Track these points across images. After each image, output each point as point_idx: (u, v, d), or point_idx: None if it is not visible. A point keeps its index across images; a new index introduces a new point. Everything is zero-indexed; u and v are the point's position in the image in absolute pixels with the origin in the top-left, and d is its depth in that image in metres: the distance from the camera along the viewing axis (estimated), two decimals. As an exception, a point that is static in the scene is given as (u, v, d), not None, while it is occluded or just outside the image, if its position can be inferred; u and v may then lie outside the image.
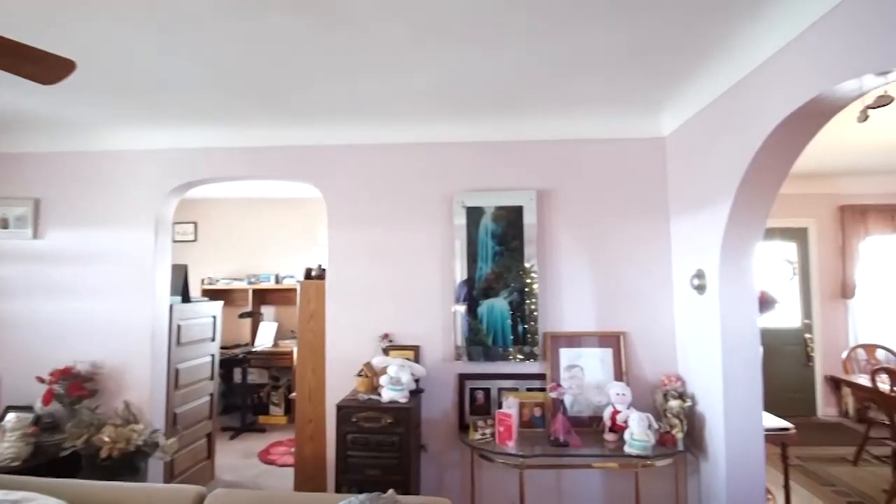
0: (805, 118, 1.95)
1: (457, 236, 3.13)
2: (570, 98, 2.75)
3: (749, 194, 2.36)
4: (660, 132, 3.16)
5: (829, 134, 3.77)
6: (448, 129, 3.18)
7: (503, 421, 2.72)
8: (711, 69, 2.39)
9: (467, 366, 3.09)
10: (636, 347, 3.07)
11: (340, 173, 3.27)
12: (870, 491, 3.73)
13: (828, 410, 5.62)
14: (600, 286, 3.12)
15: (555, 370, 3.02)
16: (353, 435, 2.70)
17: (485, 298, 3.08)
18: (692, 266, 2.80)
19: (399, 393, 2.74)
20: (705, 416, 2.68)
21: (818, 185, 5.65)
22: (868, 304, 5.62)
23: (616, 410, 2.75)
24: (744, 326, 2.53)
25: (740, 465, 2.51)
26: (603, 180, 3.18)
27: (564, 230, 3.16)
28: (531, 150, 3.21)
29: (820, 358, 5.62)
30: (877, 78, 1.61)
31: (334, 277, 3.22)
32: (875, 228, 5.60)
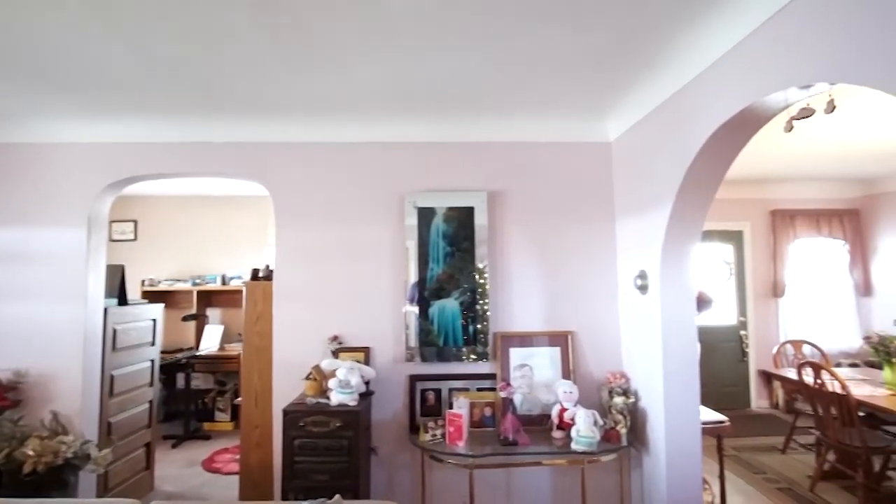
0: (738, 127, 2.05)
1: (408, 237, 3.12)
2: (521, 101, 2.79)
3: (687, 198, 2.46)
4: (606, 137, 3.26)
5: (762, 143, 4.01)
6: (399, 129, 3.16)
7: (453, 421, 2.73)
8: (654, 79, 2.48)
9: (418, 367, 3.08)
10: (583, 346, 3.15)
11: (289, 171, 3.18)
12: (797, 477, 3.98)
13: (760, 402, 5.96)
14: (549, 286, 3.18)
15: (505, 370, 3.06)
16: (301, 440, 2.64)
17: (436, 299, 3.08)
18: (636, 267, 2.90)
19: (348, 396, 2.70)
20: (647, 412, 2.78)
21: (752, 190, 5.99)
22: (796, 303, 6.01)
23: (563, 408, 2.81)
24: (682, 325, 2.65)
25: (679, 457, 2.62)
26: (552, 183, 3.24)
27: (515, 231, 3.20)
28: (483, 151, 3.23)
29: (753, 353, 5.96)
30: (800, 91, 1.71)
31: (282, 278, 3.13)
32: (802, 232, 5.99)
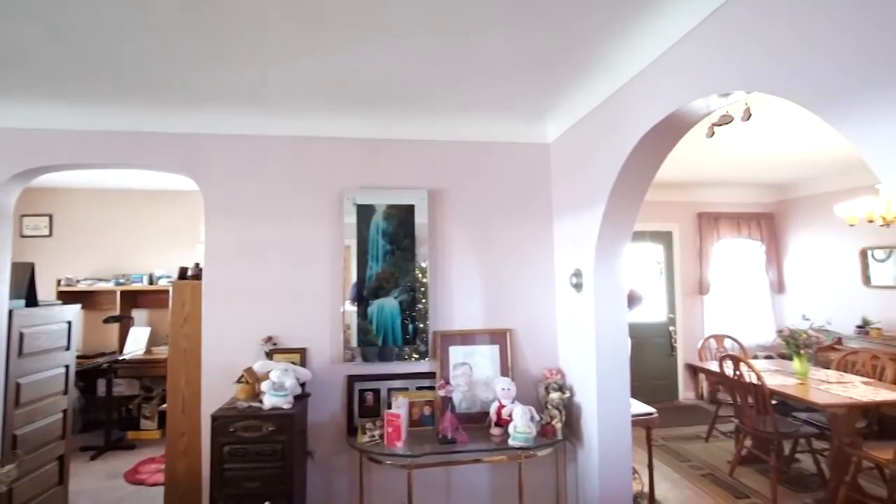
0: (665, 131, 2.15)
1: (347, 235, 3.05)
2: (462, 101, 2.79)
3: (619, 199, 2.55)
4: (545, 138, 3.33)
5: (689, 149, 4.24)
6: (339, 124, 3.09)
7: (391, 421, 2.69)
8: (590, 82, 2.55)
9: (357, 367, 3.02)
10: (522, 343, 3.20)
11: (221, 165, 3.03)
12: (718, 463, 4.24)
13: (687, 394, 6.31)
14: (489, 285, 3.21)
15: (444, 368, 3.06)
16: (231, 446, 2.52)
17: (375, 298, 3.03)
18: (571, 265, 2.98)
19: (282, 398, 2.60)
20: (581, 406, 2.86)
21: (681, 194, 6.33)
22: (719, 300, 6.41)
23: (501, 405, 2.85)
24: (614, 321, 2.74)
25: (611, 449, 2.71)
26: (492, 182, 3.27)
27: (455, 230, 3.21)
28: (423, 149, 3.22)
29: (681, 348, 6.30)
30: (720, 98, 1.81)
31: (212, 277, 2.98)
32: (725, 233, 6.39)
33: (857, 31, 1.22)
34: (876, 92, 1.18)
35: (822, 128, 3.72)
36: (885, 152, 1.17)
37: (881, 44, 1.16)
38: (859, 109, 1.22)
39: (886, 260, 5.23)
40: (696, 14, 1.79)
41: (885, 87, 1.16)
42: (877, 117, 1.18)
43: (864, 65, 1.21)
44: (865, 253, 5.38)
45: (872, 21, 1.18)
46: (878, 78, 1.18)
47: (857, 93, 1.23)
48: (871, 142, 1.20)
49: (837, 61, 1.28)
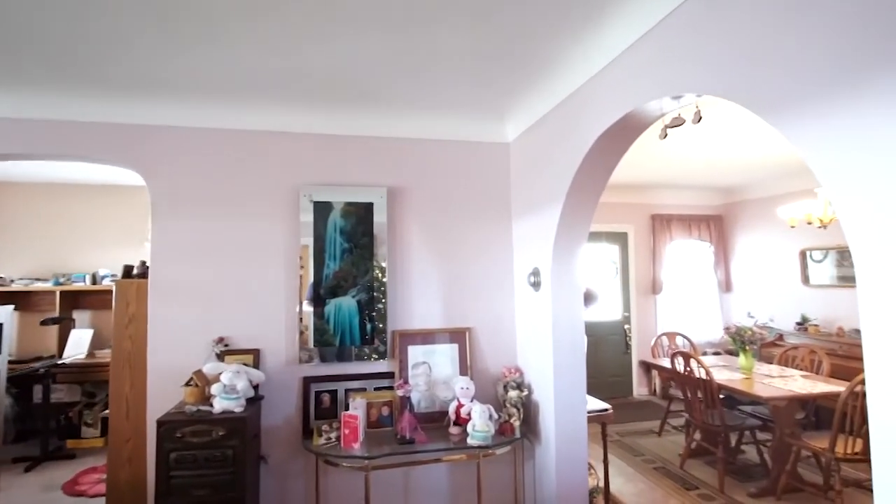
0: (621, 132, 2.19)
1: (303, 232, 2.97)
2: (422, 98, 2.77)
3: (576, 199, 2.59)
4: (505, 138, 3.35)
5: (644, 152, 4.36)
6: (295, 119, 3.01)
7: (349, 423, 2.64)
8: (548, 83, 2.58)
9: (312, 368, 2.95)
10: (481, 342, 3.21)
11: (169, 158, 2.90)
12: (670, 457, 4.38)
13: (641, 390, 6.50)
14: (448, 283, 3.20)
15: (403, 368, 3.03)
16: (178, 452, 2.41)
17: (332, 297, 2.97)
18: (530, 264, 3.01)
19: (234, 402, 2.51)
20: (539, 404, 2.89)
21: (637, 196, 6.51)
22: (671, 299, 6.64)
23: (460, 404, 2.84)
24: (571, 319, 2.78)
25: (567, 445, 2.75)
26: (452, 181, 3.27)
27: (414, 228, 3.18)
28: (382, 146, 3.17)
29: (636, 345, 6.48)
30: (672, 101, 1.86)
31: (159, 276, 2.84)
32: (677, 234, 6.62)
33: (799, 38, 1.27)
34: (816, 97, 1.23)
35: (766, 134, 3.91)
36: (825, 154, 1.22)
37: (821, 50, 1.22)
38: (801, 113, 1.27)
39: (823, 260, 5.54)
40: (649, 18, 1.84)
41: (823, 92, 1.21)
42: (817, 121, 1.24)
43: (804, 70, 1.26)
44: (805, 254, 5.69)
45: (814, 29, 1.23)
46: (817, 83, 1.23)
47: (799, 98, 1.28)
48: (812, 144, 1.25)
49: (780, 67, 1.33)
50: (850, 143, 1.15)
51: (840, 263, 5.29)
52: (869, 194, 1.12)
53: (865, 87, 1.11)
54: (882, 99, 1.08)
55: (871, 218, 1.12)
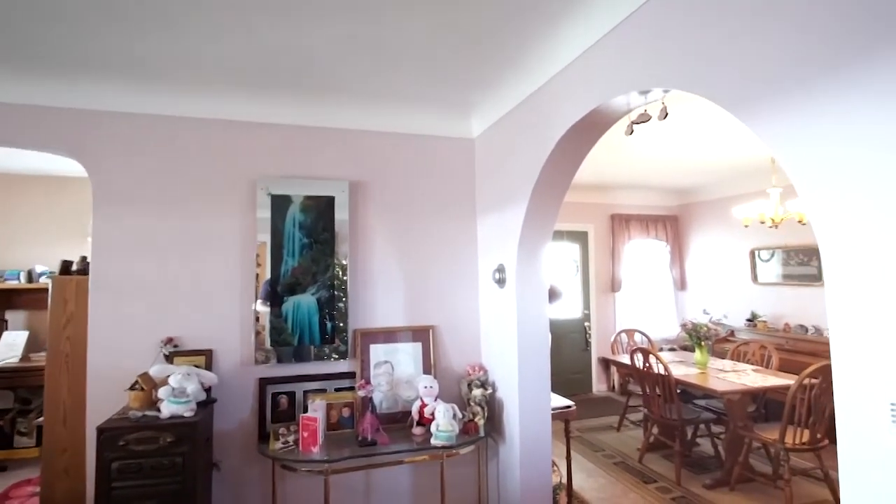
0: (587, 128, 2.18)
1: (260, 227, 2.84)
2: (386, 89, 2.69)
3: (542, 196, 2.58)
4: (470, 133, 3.31)
5: (605, 152, 4.42)
6: (252, 108, 2.86)
7: (307, 426, 2.53)
8: (514, 77, 2.55)
9: (270, 369, 2.82)
10: (445, 340, 3.15)
11: (114, 147, 2.70)
12: (629, 451, 4.46)
13: (600, 387, 6.62)
14: (412, 281, 3.13)
15: (365, 367, 2.94)
16: (121, 461, 2.24)
17: (290, 295, 2.84)
18: (495, 261, 2.98)
19: (183, 406, 2.36)
20: (504, 402, 2.87)
21: (597, 196, 6.62)
22: (629, 297, 6.78)
23: (423, 403, 2.78)
24: (536, 316, 2.77)
25: (532, 443, 2.73)
26: (417, 176, 3.20)
27: (378, 223, 3.10)
28: (345, 139, 3.07)
29: (595, 342, 6.59)
30: (639, 96, 1.86)
31: (101, 272, 2.64)
32: (635, 233, 6.77)
33: (766, 33, 1.28)
34: (780, 92, 1.24)
35: (720, 137, 4.02)
36: (792, 149, 1.23)
37: (788, 45, 1.22)
38: (766, 108, 1.28)
39: (770, 260, 5.78)
40: (618, 12, 1.83)
41: (792, 88, 1.22)
42: (782, 115, 1.24)
43: (772, 65, 1.27)
44: (754, 253, 5.92)
45: (781, 23, 1.24)
46: (786, 79, 1.23)
47: (762, 92, 1.29)
48: (779, 138, 1.26)
49: (748, 62, 1.33)
50: (818, 138, 1.16)
51: (786, 262, 5.53)
52: (836, 188, 1.13)
53: (830, 81, 1.12)
54: (846, 93, 1.09)
55: (839, 213, 1.13)
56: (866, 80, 1.05)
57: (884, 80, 1.01)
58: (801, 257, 5.31)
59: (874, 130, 1.04)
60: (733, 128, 3.75)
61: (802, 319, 5.23)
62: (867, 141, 1.05)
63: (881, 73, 1.02)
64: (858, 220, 1.08)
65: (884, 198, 1.03)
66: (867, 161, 1.05)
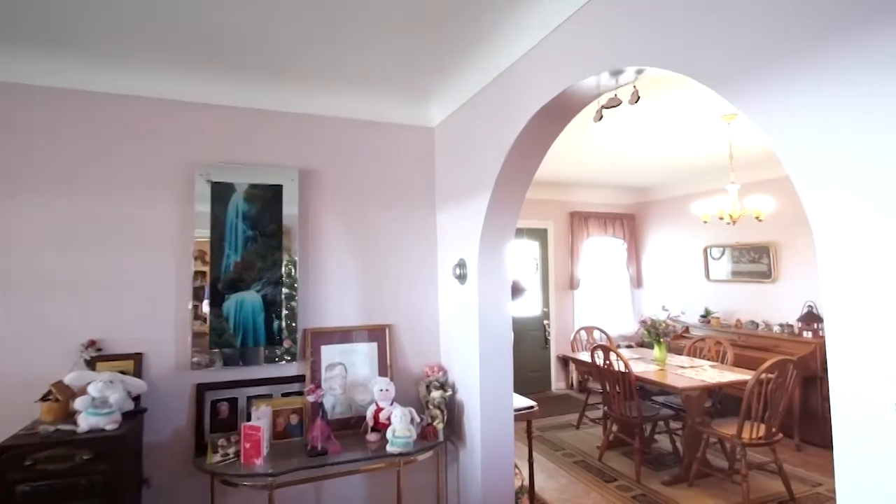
0: (555, 112, 2.06)
1: (198, 217, 2.57)
2: (342, 72, 2.49)
3: (506, 186, 2.44)
4: (430, 122, 3.14)
5: (565, 149, 4.35)
6: (190, 87, 2.59)
7: (249, 436, 2.30)
8: (476, 61, 2.40)
9: (208, 373, 2.56)
10: (402, 340, 2.98)
11: (25, 123, 2.37)
12: (588, 449, 4.42)
13: (559, 384, 6.60)
14: (367, 276, 2.94)
15: (316, 370, 2.73)
16: (29, 484, 1.95)
17: (233, 292, 2.60)
18: (455, 256, 2.82)
19: (105, 418, 2.08)
20: (464, 404, 2.72)
21: (556, 193, 6.60)
22: (587, 294, 6.80)
23: (379, 408, 2.60)
24: (498, 313, 2.63)
25: (493, 447, 2.60)
26: (373, 165, 3.00)
27: (330, 215, 2.88)
28: (295, 123, 2.84)
29: (554, 340, 6.57)
30: (611, 78, 1.74)
31: (6, 266, 2.32)
32: (594, 231, 6.79)
33: (752, 5, 1.18)
34: (774, 67, 1.14)
35: (679, 135, 4.03)
36: (782, 127, 1.13)
37: (777, 20, 1.12)
38: (756, 85, 1.18)
39: (721, 257, 5.91)
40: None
41: (782, 63, 1.12)
42: (774, 93, 1.14)
43: (747, 38, 1.16)
44: (707, 251, 6.04)
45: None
46: (762, 53, 1.13)
47: (744, 67, 1.18)
48: (768, 116, 1.16)
49: (734, 36, 1.23)
50: (815, 117, 1.06)
51: (738, 260, 5.66)
52: (830, 171, 1.04)
53: (831, 52, 1.02)
54: (834, 70, 0.99)
55: (839, 201, 1.03)
56: (874, 49, 0.95)
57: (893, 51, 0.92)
58: (753, 255, 5.44)
59: (878, 108, 0.94)
60: (691, 126, 3.75)
61: (753, 315, 5.36)
62: (869, 121, 0.96)
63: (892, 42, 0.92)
64: (862, 207, 0.99)
65: (891, 181, 0.93)
66: (870, 144, 0.96)
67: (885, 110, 0.92)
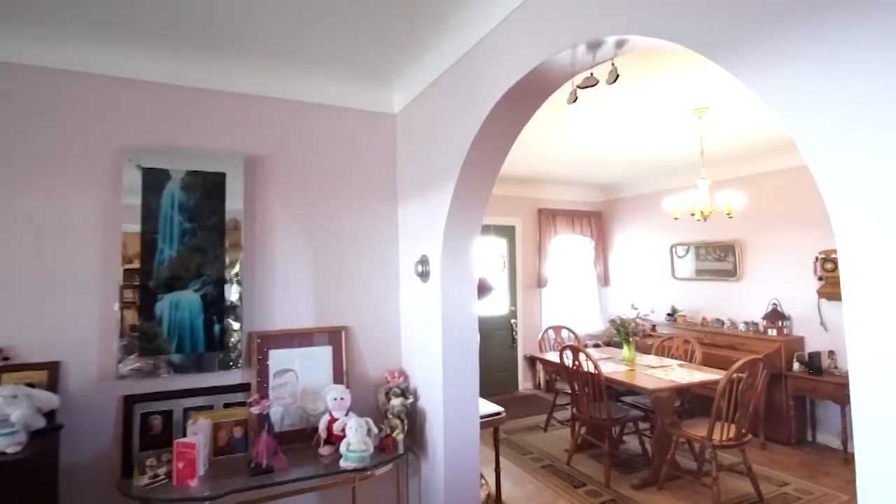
0: (525, 93, 1.88)
1: (127, 207, 2.28)
2: (293, 49, 2.25)
3: (472, 176, 2.25)
4: (391, 108, 2.92)
5: (533, 144, 4.20)
6: (119, 59, 2.30)
7: (183, 454, 2.03)
8: (442, 37, 2.20)
9: (138, 384, 2.28)
10: (360, 343, 2.75)
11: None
12: (556, 453, 4.29)
13: (526, 385, 6.48)
14: (322, 274, 2.70)
15: (263, 378, 2.47)
16: None
17: (167, 291, 2.32)
18: (417, 252, 2.62)
19: (6, 439, 1.79)
20: (426, 412, 2.52)
21: (524, 189, 6.47)
22: (554, 293, 6.70)
23: (333, 418, 2.37)
24: (464, 313, 2.44)
25: (458, 457, 2.40)
26: (328, 154, 2.76)
27: (281, 207, 2.63)
28: (242, 104, 2.58)
29: (521, 340, 6.44)
30: (587, 53, 1.57)
31: None
32: (561, 229, 6.70)
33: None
34: (777, 30, 0.98)
35: (646, 131, 3.93)
36: (786, 95, 0.97)
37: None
38: (757, 51, 1.02)
39: (685, 256, 5.90)
40: (564, -51, 1.53)
41: (785, 25, 0.96)
42: (777, 59, 0.98)
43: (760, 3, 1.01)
44: (672, 249, 6.02)
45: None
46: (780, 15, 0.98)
47: (756, 31, 1.02)
48: (769, 84, 1.00)
49: None
50: (826, 84, 0.91)
51: (704, 258, 5.65)
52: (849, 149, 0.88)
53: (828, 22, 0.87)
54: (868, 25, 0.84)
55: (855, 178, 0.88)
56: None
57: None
58: (718, 253, 5.44)
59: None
60: (661, 120, 3.66)
61: (719, 313, 5.35)
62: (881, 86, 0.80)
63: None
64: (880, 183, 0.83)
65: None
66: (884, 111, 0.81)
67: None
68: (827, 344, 4.41)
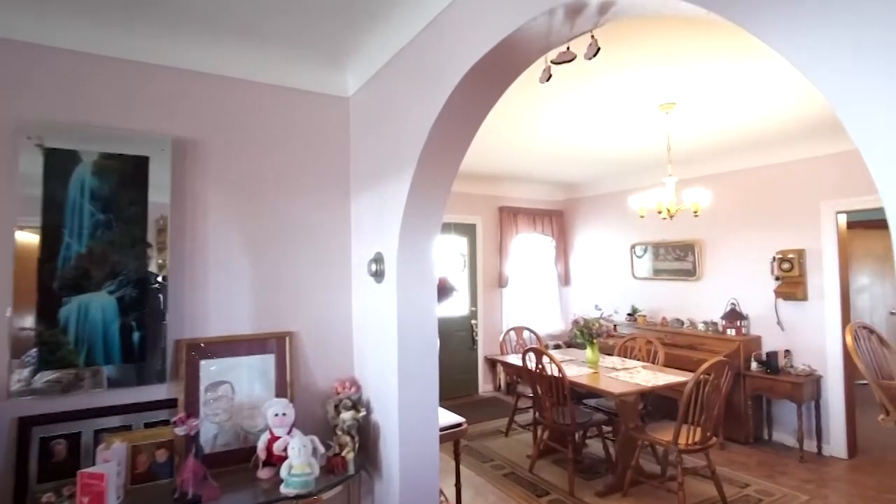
0: (492, 69, 1.67)
1: (25, 195, 1.93)
2: (235, 18, 1.95)
3: (432, 163, 2.03)
4: (344, 91, 2.66)
5: (493, 140, 4.02)
6: (18, 19, 1.94)
7: (89, 486, 1.71)
8: (397, 10, 1.97)
9: (37, 402, 1.93)
10: (307, 350, 2.48)
11: None
12: (518, 459, 4.13)
13: (486, 387, 6.32)
14: (264, 274, 2.41)
15: (193, 392, 2.16)
16: None
17: (74, 293, 1.97)
18: (371, 249, 2.37)
19: None
20: (380, 425, 2.28)
21: (485, 187, 6.30)
22: (515, 293, 6.57)
23: (273, 437, 2.09)
24: (422, 315, 2.21)
25: (414, 475, 2.17)
26: (272, 139, 2.47)
27: (217, 197, 2.33)
28: (170, 79, 2.25)
29: (482, 341, 6.27)
30: (565, 21, 1.37)
31: None
32: (523, 228, 6.57)
33: None
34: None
35: (610, 128, 3.82)
36: (825, 61, 0.80)
37: None
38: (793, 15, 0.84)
39: (644, 255, 5.89)
40: None
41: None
42: (816, 20, 0.81)
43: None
44: (632, 249, 6.00)
45: None
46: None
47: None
48: (808, 51, 0.82)
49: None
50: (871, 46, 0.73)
51: (663, 258, 5.64)
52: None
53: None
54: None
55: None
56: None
57: None
58: (678, 252, 5.43)
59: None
60: (626, 116, 3.55)
61: (679, 313, 5.35)
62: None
63: None
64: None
65: None
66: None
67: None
68: (783, 343, 4.44)
